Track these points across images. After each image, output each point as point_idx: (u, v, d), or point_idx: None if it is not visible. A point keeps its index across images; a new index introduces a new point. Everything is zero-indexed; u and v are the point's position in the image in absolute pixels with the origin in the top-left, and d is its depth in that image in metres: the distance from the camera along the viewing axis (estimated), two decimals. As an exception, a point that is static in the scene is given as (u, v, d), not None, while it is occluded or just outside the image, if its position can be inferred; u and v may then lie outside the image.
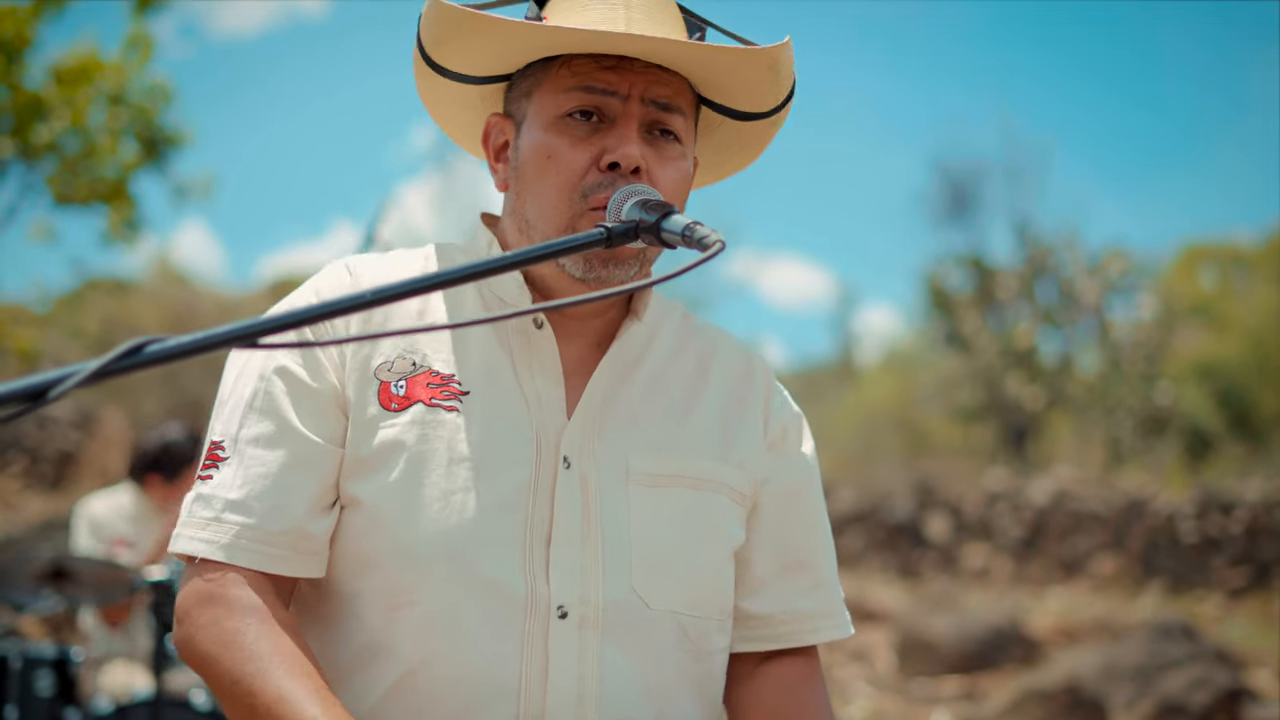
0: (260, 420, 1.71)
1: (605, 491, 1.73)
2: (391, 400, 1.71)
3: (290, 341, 1.62)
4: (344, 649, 1.71)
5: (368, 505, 1.69)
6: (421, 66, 1.83)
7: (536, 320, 1.78)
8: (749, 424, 1.88)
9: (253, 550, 1.66)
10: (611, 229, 1.54)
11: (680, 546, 1.76)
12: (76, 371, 1.21)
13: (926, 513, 14.66)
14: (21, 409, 1.21)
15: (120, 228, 13.12)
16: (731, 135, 1.92)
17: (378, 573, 1.69)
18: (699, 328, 1.96)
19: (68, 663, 4.82)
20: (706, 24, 1.82)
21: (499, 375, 1.75)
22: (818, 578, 1.92)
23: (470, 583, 1.66)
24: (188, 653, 1.68)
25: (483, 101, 1.89)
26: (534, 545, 1.69)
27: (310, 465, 1.69)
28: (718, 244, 1.48)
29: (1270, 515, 13.13)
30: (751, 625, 1.88)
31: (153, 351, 1.25)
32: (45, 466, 14.33)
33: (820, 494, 1.96)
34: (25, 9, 11.87)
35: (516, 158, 1.79)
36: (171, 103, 13.37)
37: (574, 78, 1.72)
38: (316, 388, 1.72)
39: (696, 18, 1.81)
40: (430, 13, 1.73)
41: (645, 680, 1.72)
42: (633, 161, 1.69)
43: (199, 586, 1.67)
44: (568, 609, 1.68)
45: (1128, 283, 21.75)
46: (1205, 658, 8.64)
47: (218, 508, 1.68)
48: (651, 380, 1.84)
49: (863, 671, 9.91)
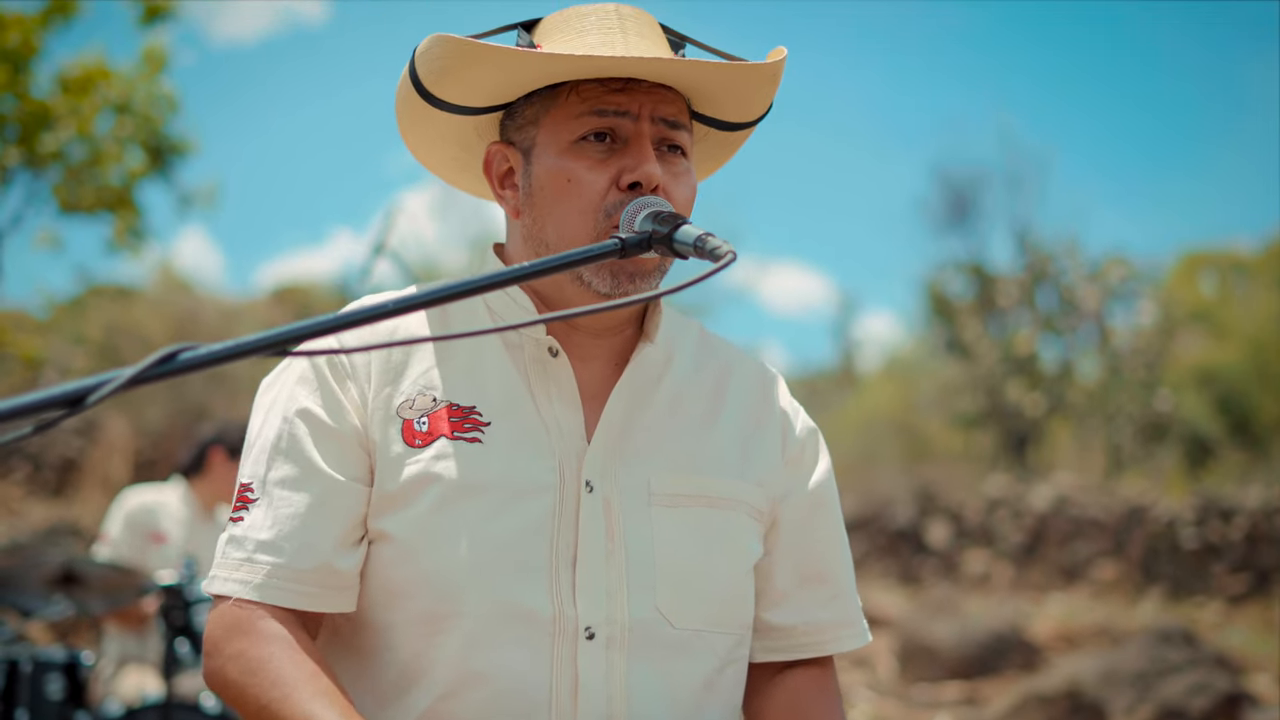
0: (285, 462, 1.77)
1: (628, 513, 1.78)
2: (415, 437, 1.76)
3: (321, 349, 1.67)
4: (379, 678, 1.76)
5: (397, 538, 1.74)
6: (412, 101, 1.85)
7: (552, 349, 1.82)
8: (768, 442, 1.92)
9: (284, 588, 1.72)
10: (626, 240, 1.59)
11: (702, 565, 1.81)
12: (113, 378, 1.26)
13: (927, 519, 14.68)
14: (60, 415, 1.26)
15: (125, 236, 13.18)
16: (714, 143, 1.98)
17: (409, 603, 1.73)
18: (717, 345, 2.00)
19: (78, 666, 4.84)
20: (685, 39, 1.87)
21: (519, 405, 1.79)
22: (837, 588, 1.97)
23: (500, 608, 1.71)
24: (217, 684, 1.74)
25: (478, 135, 1.92)
26: (560, 569, 1.73)
27: (335, 503, 1.74)
28: (729, 255, 1.52)
29: (1270, 522, 13.15)
30: (773, 636, 1.93)
31: (186, 359, 1.29)
32: (48, 474, 14.34)
33: (838, 506, 2.01)
34: (32, 19, 11.92)
35: (529, 184, 1.82)
36: (177, 112, 13.43)
37: (584, 102, 1.76)
38: (337, 428, 1.76)
39: (674, 33, 1.87)
40: (434, 48, 1.76)
41: (671, 696, 1.77)
42: (654, 180, 1.74)
43: (226, 620, 1.73)
44: (595, 630, 1.72)
45: (1128, 289, 21.76)
46: (1205, 663, 8.66)
47: (249, 549, 1.74)
48: (671, 400, 1.88)
49: (864, 677, 9.93)
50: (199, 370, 1.30)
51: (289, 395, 1.80)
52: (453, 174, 2.03)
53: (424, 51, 1.78)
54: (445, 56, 1.76)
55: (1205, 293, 27.58)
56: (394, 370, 1.80)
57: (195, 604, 4.80)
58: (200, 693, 4.90)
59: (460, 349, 1.82)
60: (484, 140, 1.92)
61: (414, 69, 1.81)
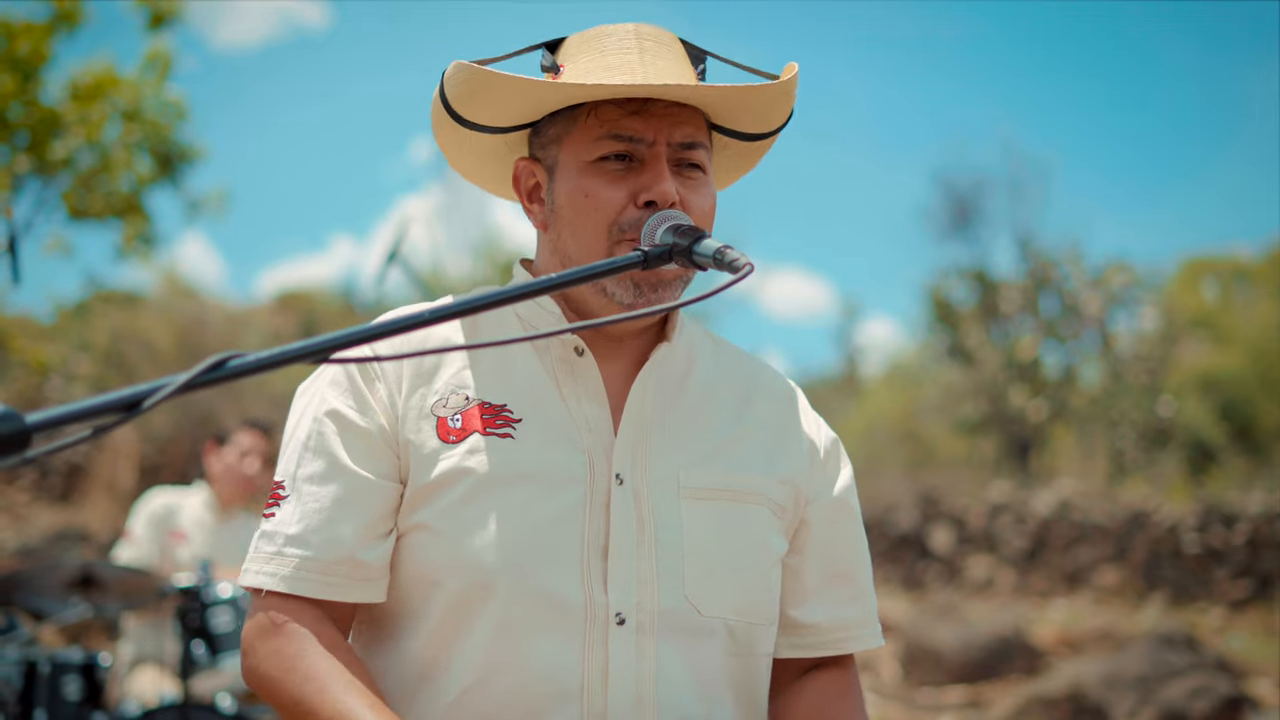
0: (314, 459, 1.84)
1: (658, 505, 1.84)
2: (450, 433, 1.83)
3: (360, 357, 1.75)
4: (411, 665, 1.83)
5: (431, 526, 1.81)
6: (444, 121, 1.93)
7: (578, 349, 1.89)
8: (795, 446, 2.00)
9: (311, 580, 1.80)
10: (648, 252, 1.67)
11: (729, 556, 1.88)
12: (167, 384, 1.33)
13: (930, 524, 14.73)
14: (118, 419, 1.33)
15: (134, 242, 13.24)
16: (736, 152, 2.05)
17: (441, 591, 1.80)
18: (735, 353, 2.08)
19: (95, 668, 4.90)
20: (706, 54, 1.95)
21: (548, 402, 1.87)
22: (858, 588, 2.05)
23: (531, 595, 1.77)
24: (254, 681, 1.82)
25: (508, 149, 2.00)
26: (591, 558, 1.80)
27: (360, 498, 1.82)
28: (747, 267, 1.60)
29: (1272, 528, 13.18)
30: (800, 633, 2.00)
31: (235, 365, 1.37)
32: (54, 479, 14.39)
33: (859, 513, 2.08)
34: (41, 26, 11.98)
35: (553, 200, 1.90)
36: (185, 118, 13.49)
37: (602, 126, 1.84)
38: (365, 427, 1.84)
39: (695, 48, 1.94)
40: (457, 75, 1.85)
41: (698, 682, 1.84)
42: (669, 198, 1.81)
43: (262, 620, 1.81)
44: (625, 616, 1.79)
45: (1130, 296, 21.77)
46: (1206, 667, 8.72)
47: (279, 543, 1.82)
48: (699, 397, 1.96)
49: (868, 681, 9.98)
50: (247, 376, 1.37)
51: (321, 397, 1.88)
52: (489, 184, 2.11)
53: (450, 76, 1.86)
54: (469, 83, 1.85)
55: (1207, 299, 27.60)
56: (426, 373, 1.87)
57: (211, 606, 4.87)
58: (216, 693, 4.97)
59: (490, 351, 1.90)
60: (515, 154, 2.00)
61: (444, 91, 1.89)
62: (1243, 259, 28.10)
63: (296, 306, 22.47)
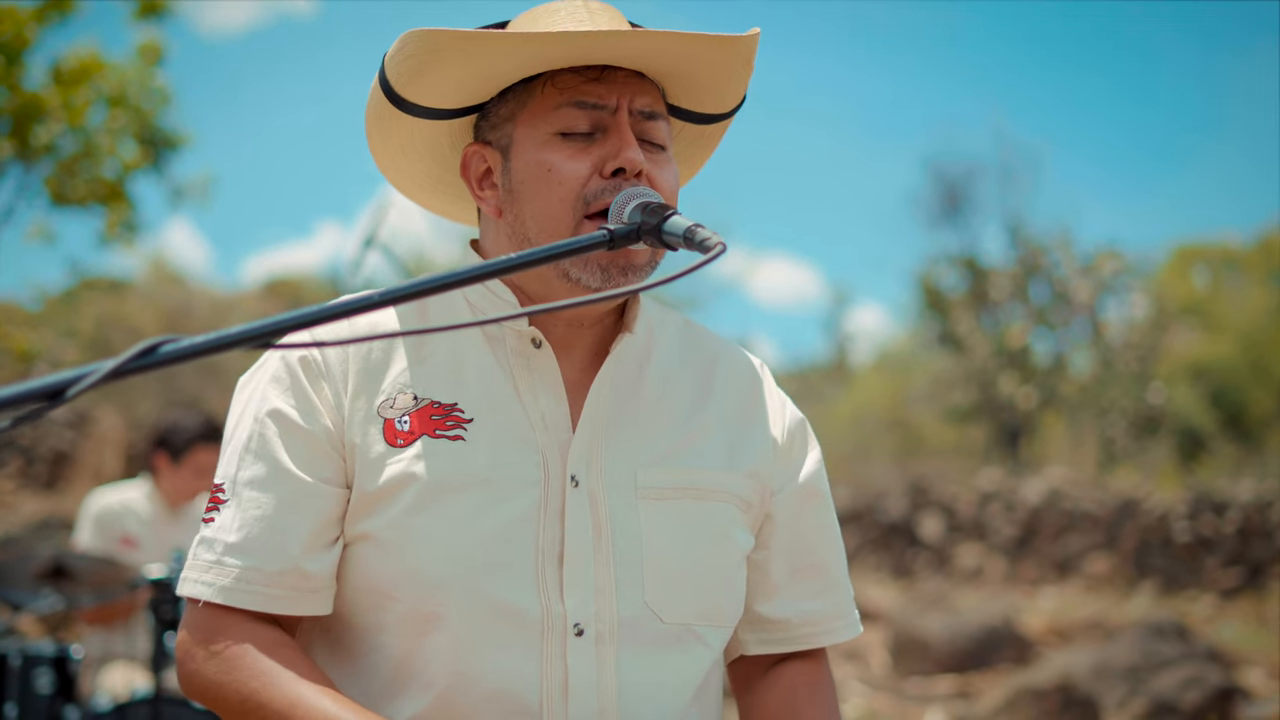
0: (255, 463, 1.74)
1: (615, 508, 1.75)
2: (397, 436, 1.72)
3: (302, 343, 1.65)
4: (370, 682, 1.74)
5: (378, 538, 1.71)
6: (382, 111, 1.82)
7: (535, 340, 1.80)
8: (757, 433, 1.90)
9: (252, 592, 1.69)
10: (615, 231, 1.57)
11: (691, 559, 1.79)
12: (93, 371, 1.24)
13: (920, 513, 14.70)
14: (40, 408, 1.24)
15: (118, 229, 13.14)
16: (690, 139, 1.96)
17: (395, 604, 1.71)
18: (701, 336, 1.98)
19: (67, 661, 4.82)
20: None
21: (501, 399, 1.77)
22: (828, 580, 1.95)
23: (486, 608, 1.68)
24: (194, 687, 1.71)
25: (451, 146, 1.90)
26: (546, 566, 1.71)
27: (303, 505, 1.71)
28: (719, 246, 1.50)
29: (1262, 516, 13.18)
30: (767, 629, 1.92)
31: (168, 351, 1.27)
32: (40, 466, 14.33)
33: (829, 497, 1.99)
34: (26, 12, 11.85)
35: (508, 180, 1.79)
36: (170, 104, 13.38)
37: (561, 94, 1.75)
38: (308, 429, 1.73)
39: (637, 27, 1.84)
40: (406, 46, 1.73)
41: (662, 691, 1.76)
42: (636, 165, 1.72)
43: (200, 625, 1.71)
44: (584, 626, 1.70)
45: (1120, 283, 21.79)
46: (1197, 657, 8.68)
47: (219, 551, 1.71)
48: (656, 392, 1.86)
49: (857, 671, 9.94)
50: (181, 363, 1.28)
51: (261, 395, 1.77)
52: (424, 194, 2.00)
53: (394, 52, 1.75)
54: (418, 53, 1.73)
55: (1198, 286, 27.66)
56: (373, 370, 1.76)
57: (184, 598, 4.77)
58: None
59: (440, 346, 1.79)
60: (457, 151, 1.90)
61: (384, 75, 1.78)
62: (1233, 246, 28.16)
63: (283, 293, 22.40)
